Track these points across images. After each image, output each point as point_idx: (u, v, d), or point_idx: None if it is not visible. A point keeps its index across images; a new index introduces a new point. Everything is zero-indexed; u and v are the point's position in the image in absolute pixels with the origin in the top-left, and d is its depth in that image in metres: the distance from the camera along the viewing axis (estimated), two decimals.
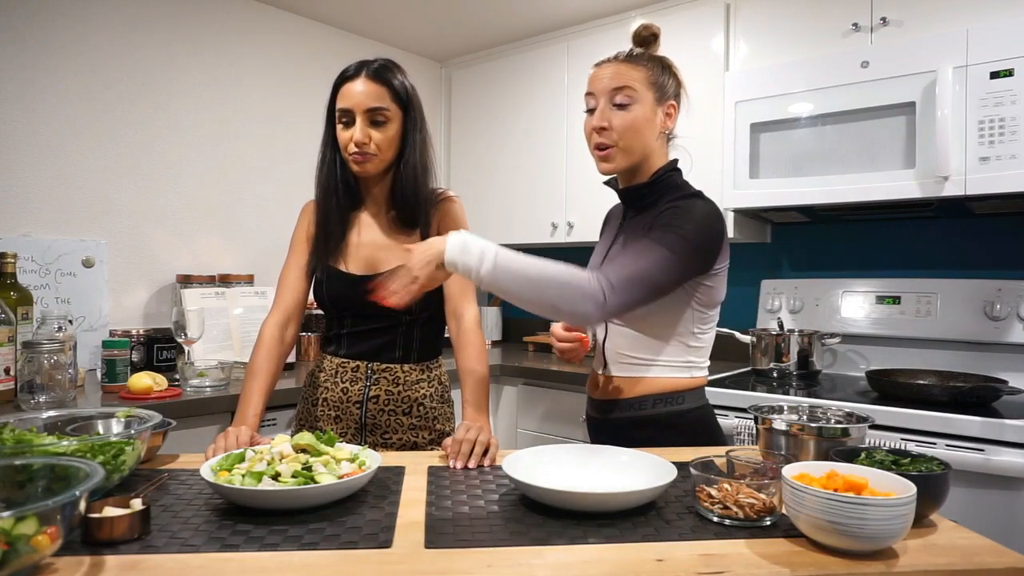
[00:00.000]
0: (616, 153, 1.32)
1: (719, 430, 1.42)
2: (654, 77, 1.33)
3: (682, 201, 1.29)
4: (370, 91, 1.40)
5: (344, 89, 1.42)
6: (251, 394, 1.38)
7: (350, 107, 1.40)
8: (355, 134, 1.40)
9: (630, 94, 1.30)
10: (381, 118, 1.41)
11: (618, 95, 1.30)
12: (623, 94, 1.30)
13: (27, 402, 1.67)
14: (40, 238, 2.17)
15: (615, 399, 1.40)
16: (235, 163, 2.69)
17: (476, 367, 1.43)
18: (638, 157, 1.34)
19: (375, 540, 0.86)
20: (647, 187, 1.36)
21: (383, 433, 1.48)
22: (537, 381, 2.58)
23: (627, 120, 1.30)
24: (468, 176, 3.26)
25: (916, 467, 0.95)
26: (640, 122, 1.31)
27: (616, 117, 1.31)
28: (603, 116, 1.31)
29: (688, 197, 1.30)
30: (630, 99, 1.30)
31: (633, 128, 1.31)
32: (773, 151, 2.22)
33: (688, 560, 0.81)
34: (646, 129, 1.32)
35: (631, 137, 1.31)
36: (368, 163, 1.43)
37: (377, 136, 1.41)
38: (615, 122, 1.31)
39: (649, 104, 1.32)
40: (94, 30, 2.29)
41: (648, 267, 1.19)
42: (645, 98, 1.31)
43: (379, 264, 1.48)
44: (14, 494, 0.84)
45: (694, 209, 1.27)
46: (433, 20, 2.95)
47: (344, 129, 1.42)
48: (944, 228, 2.35)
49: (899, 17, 2.09)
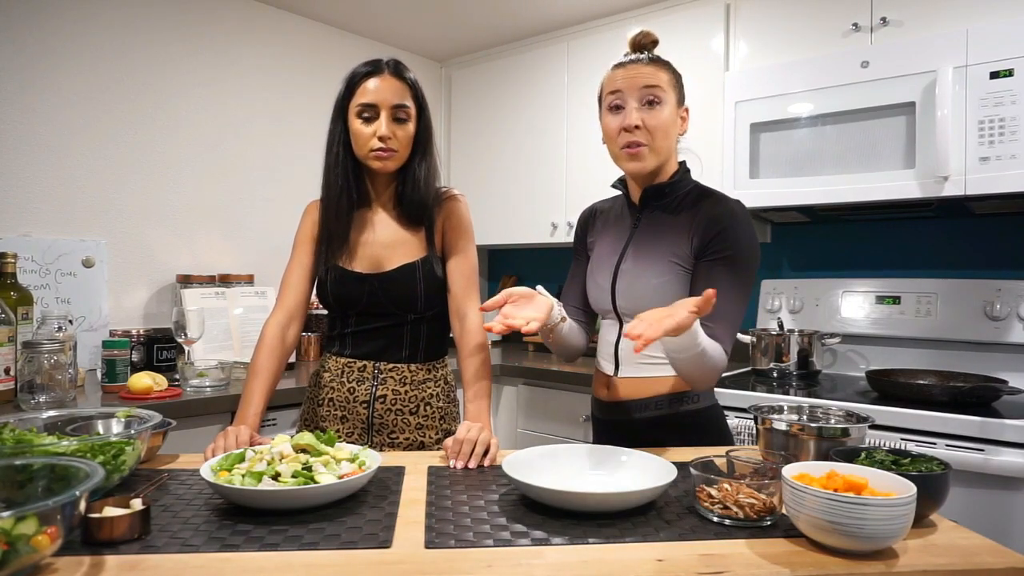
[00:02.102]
0: (647, 152, 1.33)
1: (728, 429, 1.44)
2: (675, 80, 1.35)
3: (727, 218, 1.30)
4: (395, 88, 1.41)
5: (367, 84, 1.41)
6: (252, 394, 1.38)
7: (375, 102, 1.40)
8: (380, 129, 1.39)
9: (660, 94, 1.31)
10: (403, 115, 1.42)
11: (649, 94, 1.31)
12: (653, 93, 1.31)
13: (27, 402, 1.67)
14: (40, 238, 2.17)
15: (629, 400, 1.40)
16: (235, 163, 2.69)
17: (479, 367, 1.43)
18: (665, 157, 1.35)
19: (375, 540, 0.86)
20: (669, 186, 1.37)
21: (390, 433, 1.47)
22: (537, 381, 2.58)
23: (659, 119, 1.31)
24: (468, 176, 3.26)
25: (916, 467, 0.95)
26: (669, 122, 1.33)
27: (648, 116, 1.31)
28: (636, 115, 1.31)
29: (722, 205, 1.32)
30: (659, 99, 1.31)
31: (663, 128, 1.32)
32: (773, 151, 2.22)
33: (688, 560, 0.81)
34: (673, 130, 1.34)
35: (662, 137, 1.32)
36: (390, 160, 1.42)
37: (400, 133, 1.42)
38: (648, 122, 1.31)
39: (673, 106, 1.33)
40: (94, 30, 2.29)
41: (736, 308, 1.29)
42: (671, 100, 1.33)
43: (384, 262, 1.47)
44: (14, 494, 0.84)
45: (741, 228, 1.30)
46: (433, 20, 2.95)
47: (365, 124, 1.41)
48: (944, 228, 2.35)
49: (899, 17, 2.09)
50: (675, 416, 1.37)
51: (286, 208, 2.77)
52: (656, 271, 1.33)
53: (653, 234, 1.37)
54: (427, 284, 1.46)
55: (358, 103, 1.41)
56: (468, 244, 1.51)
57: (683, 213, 1.35)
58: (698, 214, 1.33)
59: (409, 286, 1.45)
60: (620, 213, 1.48)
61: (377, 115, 1.40)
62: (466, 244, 1.51)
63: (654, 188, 1.38)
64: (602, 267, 1.44)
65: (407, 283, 1.45)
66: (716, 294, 1.24)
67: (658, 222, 1.38)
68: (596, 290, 1.44)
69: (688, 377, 1.24)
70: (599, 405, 1.48)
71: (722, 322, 1.26)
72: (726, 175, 2.30)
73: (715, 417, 1.41)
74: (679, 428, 1.37)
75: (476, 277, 1.52)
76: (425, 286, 1.46)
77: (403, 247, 1.48)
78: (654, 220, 1.39)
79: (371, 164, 1.44)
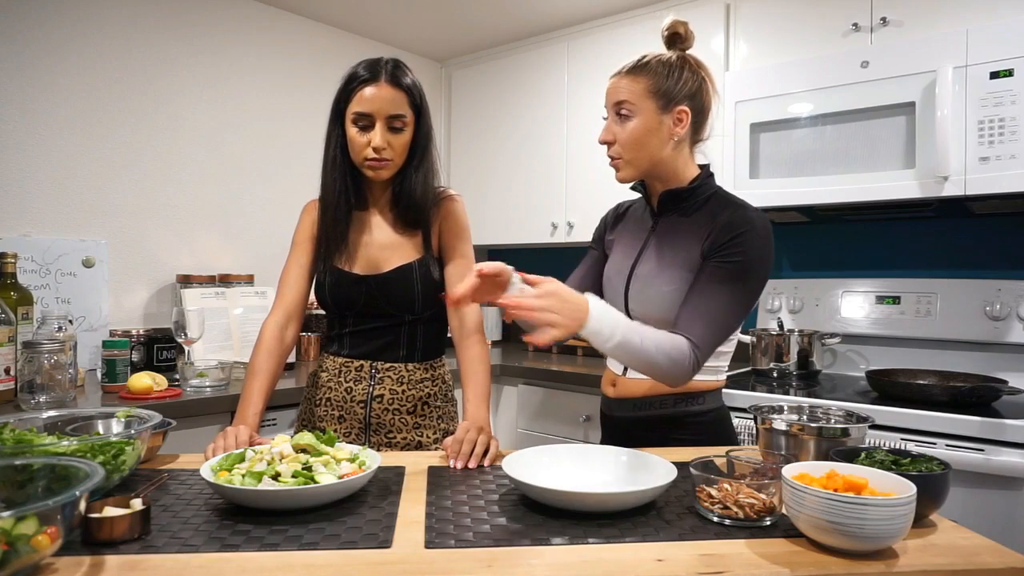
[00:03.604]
0: (623, 164, 1.35)
1: (733, 430, 1.44)
2: (656, 85, 1.31)
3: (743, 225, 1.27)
4: (391, 97, 1.38)
5: (364, 92, 1.38)
6: (251, 393, 1.38)
7: (370, 112, 1.38)
8: (374, 140, 1.38)
9: (628, 108, 1.32)
10: (399, 125, 1.40)
11: (620, 109, 1.33)
12: (623, 107, 1.32)
13: (27, 402, 1.67)
14: (40, 238, 2.17)
15: (635, 397, 1.40)
16: (235, 163, 2.69)
17: (478, 367, 1.43)
18: (646, 166, 1.35)
19: (375, 540, 0.86)
20: (688, 192, 1.36)
21: (387, 432, 1.47)
22: (537, 381, 2.58)
23: (625, 133, 1.32)
24: (468, 176, 3.26)
25: (916, 467, 0.95)
26: (639, 133, 1.31)
27: (619, 131, 1.33)
28: (608, 130, 1.34)
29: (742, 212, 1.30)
30: (629, 112, 1.32)
31: (632, 140, 1.32)
32: (773, 151, 2.22)
33: (688, 560, 0.81)
34: (649, 139, 1.32)
35: (632, 149, 1.32)
36: (384, 169, 1.42)
37: (394, 142, 1.40)
38: (618, 135, 1.33)
39: (650, 114, 1.31)
40: (93, 30, 2.29)
41: (726, 317, 1.25)
42: (645, 108, 1.31)
43: (382, 264, 1.47)
44: (14, 494, 0.84)
45: (753, 233, 1.27)
46: (433, 20, 2.95)
47: (360, 133, 1.39)
48: (944, 228, 2.35)
49: (899, 17, 2.09)
50: (680, 416, 1.37)
51: (286, 208, 2.76)
52: (667, 278, 1.32)
53: (669, 240, 1.37)
54: (424, 285, 1.46)
55: (353, 111, 1.39)
56: (465, 245, 1.51)
57: (701, 219, 1.33)
58: (715, 220, 1.31)
59: (406, 287, 1.45)
60: (641, 215, 1.47)
61: (372, 124, 1.38)
62: (463, 245, 1.51)
63: (670, 193, 1.37)
64: (617, 269, 1.44)
65: (404, 284, 1.45)
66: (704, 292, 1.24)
67: (675, 227, 1.37)
68: (611, 292, 1.44)
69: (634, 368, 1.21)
70: (607, 402, 1.49)
71: (701, 321, 1.23)
72: (726, 175, 2.30)
73: (721, 419, 1.41)
74: (684, 427, 1.37)
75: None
76: (422, 287, 1.46)
77: (400, 249, 1.48)
78: (671, 225, 1.38)
79: (365, 172, 1.44)
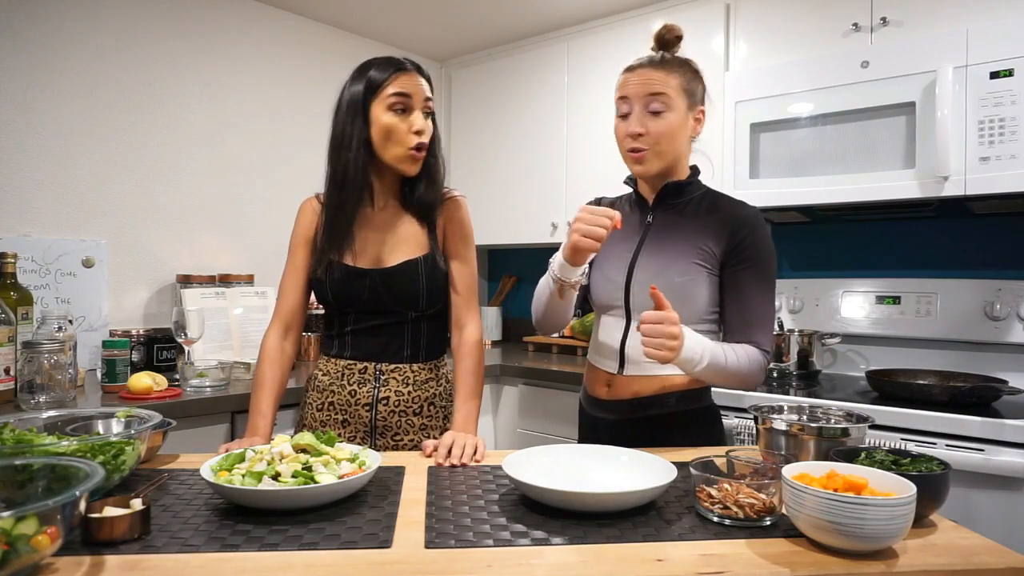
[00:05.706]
0: (650, 157, 1.35)
1: (722, 427, 1.46)
2: (686, 83, 1.35)
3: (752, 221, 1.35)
4: (424, 84, 1.41)
5: (400, 77, 1.38)
6: (260, 404, 1.40)
7: (411, 92, 1.38)
8: (416, 123, 1.38)
9: (665, 101, 1.32)
10: (430, 108, 1.43)
11: (654, 102, 1.32)
12: (659, 101, 1.32)
13: (27, 402, 1.67)
14: (40, 238, 2.17)
15: (634, 398, 1.40)
16: (235, 163, 2.69)
17: (471, 381, 1.44)
18: (670, 161, 1.37)
19: (375, 540, 0.86)
20: (687, 184, 1.41)
21: (394, 435, 1.46)
22: (537, 381, 2.58)
23: (662, 127, 1.33)
24: (468, 176, 3.25)
25: (916, 467, 0.95)
26: (674, 128, 1.34)
27: (652, 123, 1.33)
28: (640, 122, 1.33)
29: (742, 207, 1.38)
30: (665, 106, 1.32)
31: (668, 134, 1.33)
32: (773, 151, 2.22)
33: (688, 560, 0.81)
34: (679, 135, 1.35)
35: (666, 143, 1.34)
36: (420, 161, 1.42)
37: (427, 129, 1.41)
38: (651, 128, 1.33)
39: (682, 111, 1.34)
40: (93, 30, 2.29)
41: (770, 310, 1.36)
42: (678, 105, 1.33)
43: (386, 258, 1.46)
44: (14, 494, 0.84)
45: (763, 232, 1.36)
46: (433, 20, 2.95)
47: (400, 118, 1.38)
48: (944, 228, 2.35)
49: (899, 17, 2.09)
50: (683, 415, 1.38)
51: (286, 208, 2.75)
52: (678, 269, 1.34)
53: (670, 232, 1.38)
54: (430, 280, 1.45)
55: (393, 92, 1.37)
56: (469, 251, 1.51)
57: (701, 215, 1.38)
58: (722, 218, 1.35)
59: (411, 282, 1.44)
60: (629, 209, 1.48)
61: (410, 108, 1.38)
62: (467, 251, 1.51)
63: (674, 184, 1.40)
64: (612, 261, 1.43)
65: (409, 279, 1.44)
66: (748, 301, 1.34)
67: (673, 221, 1.40)
68: (606, 284, 1.43)
69: (715, 384, 1.36)
70: (597, 404, 1.46)
71: (757, 326, 1.33)
72: (726, 175, 2.30)
73: (715, 416, 1.44)
74: (684, 426, 1.38)
75: (476, 285, 1.52)
76: (428, 282, 1.45)
77: (405, 243, 1.47)
78: (668, 219, 1.40)
79: (402, 165, 1.41)
